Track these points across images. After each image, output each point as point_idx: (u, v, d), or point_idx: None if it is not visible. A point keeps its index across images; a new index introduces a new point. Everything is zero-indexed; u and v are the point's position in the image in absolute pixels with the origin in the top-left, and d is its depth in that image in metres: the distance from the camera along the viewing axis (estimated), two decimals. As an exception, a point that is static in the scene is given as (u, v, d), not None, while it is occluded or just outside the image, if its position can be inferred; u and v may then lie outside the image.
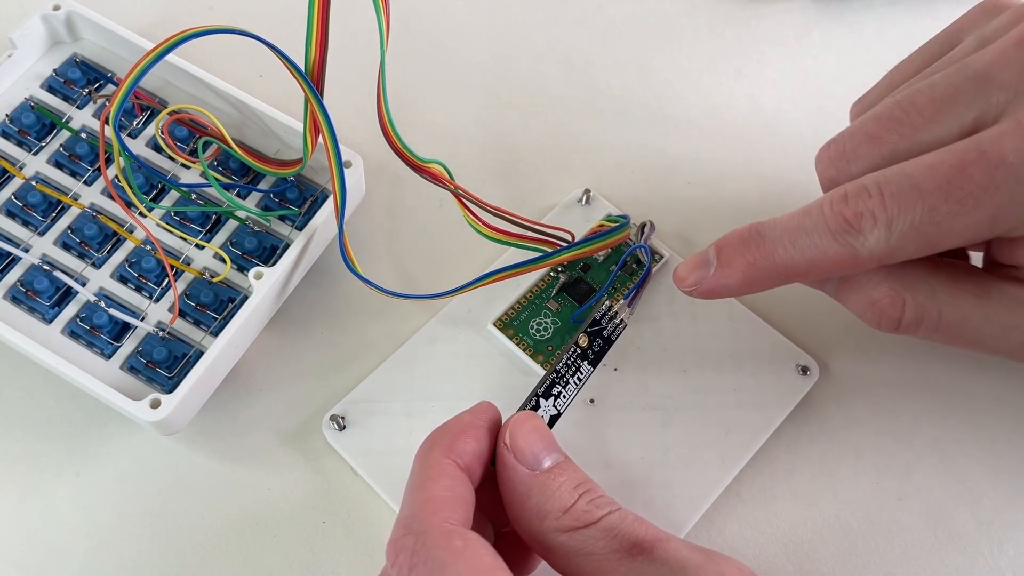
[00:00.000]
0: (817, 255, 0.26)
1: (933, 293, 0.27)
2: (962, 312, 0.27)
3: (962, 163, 0.24)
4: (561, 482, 0.24)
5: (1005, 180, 0.23)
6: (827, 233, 0.26)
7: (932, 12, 0.43)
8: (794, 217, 0.27)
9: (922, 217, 0.24)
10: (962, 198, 0.24)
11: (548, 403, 0.27)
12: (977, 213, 0.24)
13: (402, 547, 0.23)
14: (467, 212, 0.32)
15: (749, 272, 0.27)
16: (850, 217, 0.25)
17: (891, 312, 0.27)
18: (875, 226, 0.25)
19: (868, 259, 0.25)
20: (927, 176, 0.24)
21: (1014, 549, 0.31)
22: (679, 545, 0.23)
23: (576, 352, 0.28)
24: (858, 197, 0.25)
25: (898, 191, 0.24)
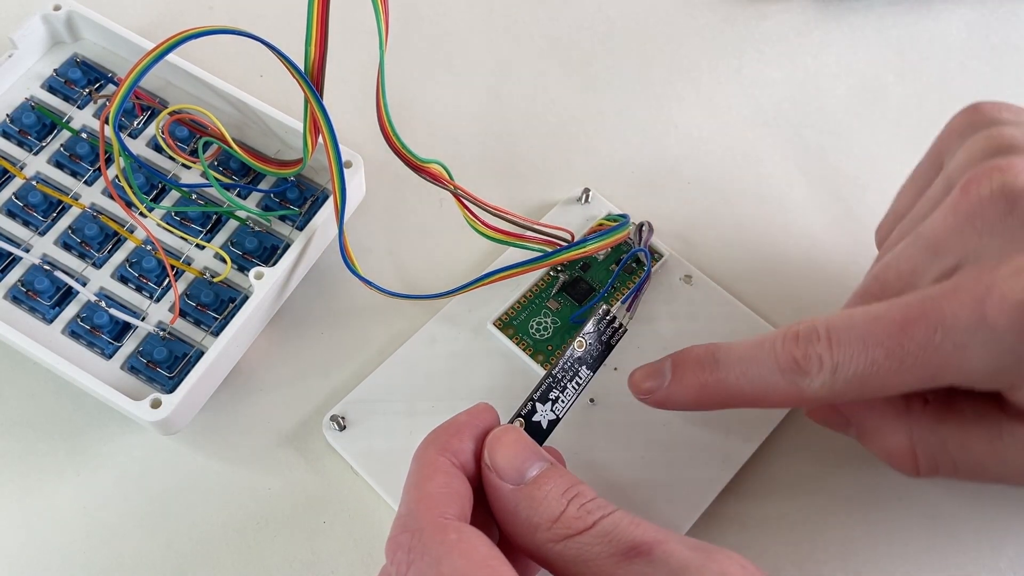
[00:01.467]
0: (766, 388, 0.27)
1: (943, 444, 0.27)
2: (976, 458, 0.27)
3: (904, 321, 0.25)
4: (547, 491, 0.24)
5: (942, 343, 0.24)
6: (776, 370, 0.27)
7: (932, 12, 0.43)
8: (748, 348, 0.28)
9: (865, 369, 0.25)
10: (902, 356, 0.25)
11: (545, 408, 0.27)
12: (916, 371, 0.25)
13: (399, 544, 0.23)
14: (466, 212, 0.32)
15: (700, 393, 0.29)
16: (799, 358, 0.26)
17: (905, 465, 0.28)
18: (821, 370, 0.26)
19: (812, 398, 0.27)
20: (871, 329, 0.25)
21: (1014, 549, 0.31)
22: (678, 545, 0.23)
23: (573, 356, 0.28)
24: (807, 339, 0.26)
25: (844, 340, 0.26)
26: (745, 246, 0.36)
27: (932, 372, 0.25)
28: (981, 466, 0.27)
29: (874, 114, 0.40)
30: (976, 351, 0.24)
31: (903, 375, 0.25)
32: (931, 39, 0.42)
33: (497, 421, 0.26)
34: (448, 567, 0.22)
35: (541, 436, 0.27)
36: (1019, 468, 0.27)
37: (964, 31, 0.42)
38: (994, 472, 0.27)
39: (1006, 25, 0.42)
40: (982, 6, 0.43)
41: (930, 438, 0.28)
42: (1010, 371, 0.25)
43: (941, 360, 0.25)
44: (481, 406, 0.26)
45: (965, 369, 0.25)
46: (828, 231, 0.37)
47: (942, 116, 0.39)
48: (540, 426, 0.27)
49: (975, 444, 0.27)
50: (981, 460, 0.27)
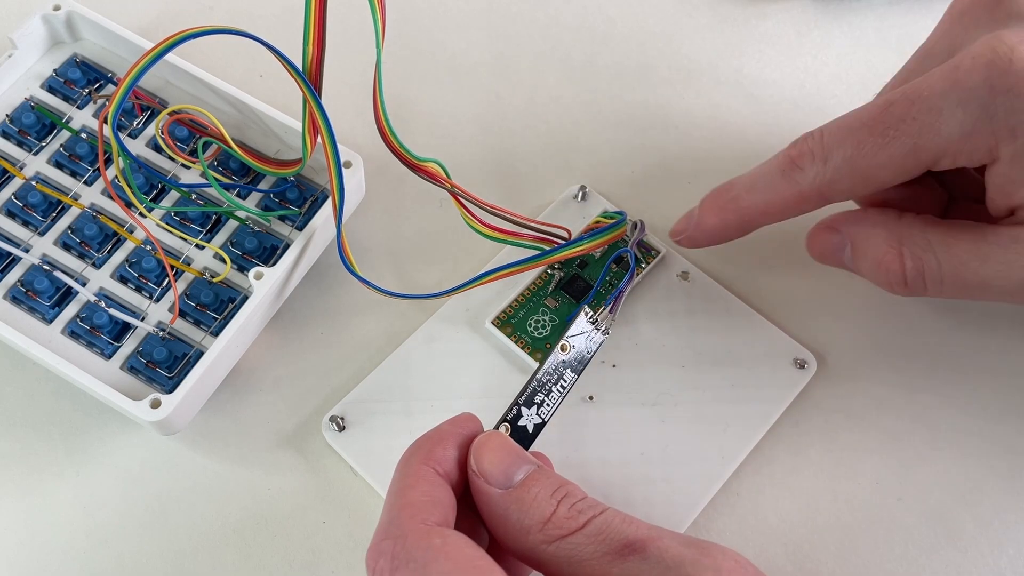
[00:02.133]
0: (770, 195, 0.30)
1: (929, 244, 0.29)
2: (960, 258, 0.28)
3: (887, 101, 0.27)
4: (536, 493, 0.24)
5: (919, 112, 0.26)
6: (778, 173, 0.30)
7: (932, 12, 0.42)
8: (757, 167, 0.31)
9: (852, 151, 0.28)
10: (883, 130, 0.27)
11: (531, 411, 0.27)
12: (898, 143, 0.27)
13: (381, 552, 0.23)
14: (464, 211, 0.32)
15: (721, 216, 0.32)
16: (794, 155, 0.29)
17: (894, 267, 0.29)
18: (813, 161, 0.28)
19: (810, 192, 0.29)
20: (857, 116, 0.28)
21: (1014, 549, 0.31)
22: (672, 541, 0.23)
23: (557, 360, 0.28)
24: (804, 139, 0.29)
25: (834, 130, 0.28)
26: (744, 245, 0.36)
27: (911, 143, 0.27)
28: (964, 265, 0.28)
29: (874, 114, 0.40)
30: (949, 112, 0.26)
31: (886, 151, 0.27)
32: (931, 39, 0.42)
33: (481, 429, 0.26)
34: (435, 570, 0.22)
35: (528, 440, 0.27)
36: (1000, 265, 0.28)
37: (964, 31, 0.42)
38: (975, 272, 0.28)
39: (1006, 25, 0.42)
40: (982, 6, 0.43)
41: (918, 240, 0.29)
42: (984, 133, 0.26)
43: (918, 128, 0.27)
44: (464, 415, 0.27)
45: (941, 134, 0.26)
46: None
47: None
48: (526, 430, 0.27)
49: (960, 244, 0.28)
50: (964, 259, 0.28)
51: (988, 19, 0.27)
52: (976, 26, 0.28)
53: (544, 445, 0.29)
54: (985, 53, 0.26)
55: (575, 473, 0.30)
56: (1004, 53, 0.25)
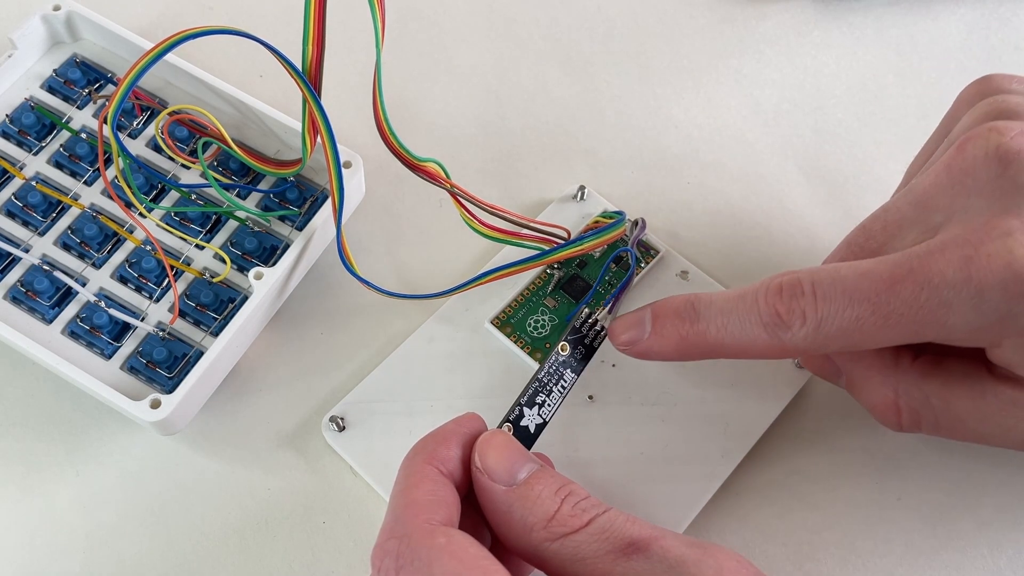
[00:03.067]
0: (746, 341, 0.27)
1: (926, 399, 0.28)
2: (958, 415, 0.28)
3: (892, 278, 0.25)
4: (539, 490, 0.24)
5: (928, 301, 0.25)
6: (758, 323, 0.27)
7: (932, 12, 0.43)
8: (729, 300, 0.28)
9: (849, 324, 0.25)
10: (887, 313, 0.25)
11: (532, 412, 0.27)
12: (900, 327, 0.25)
13: (386, 551, 0.23)
14: (463, 210, 0.32)
15: (680, 345, 0.28)
16: (782, 312, 0.26)
17: (890, 414, 0.29)
18: (804, 325, 0.26)
19: (794, 351, 0.27)
20: (858, 284, 0.25)
21: (1013, 549, 0.31)
22: (674, 541, 0.23)
23: (558, 360, 0.28)
24: (792, 293, 0.26)
25: (830, 294, 0.26)
26: (744, 245, 0.36)
27: (916, 328, 0.25)
28: (962, 422, 0.28)
29: (874, 114, 0.40)
30: (960, 308, 0.24)
31: (887, 331, 0.25)
32: (931, 39, 0.42)
33: (484, 428, 0.26)
34: (439, 569, 0.22)
35: (530, 440, 0.27)
36: (998, 427, 0.27)
37: (964, 31, 0.42)
38: (973, 429, 0.28)
39: (1006, 25, 0.42)
40: (982, 6, 0.43)
41: (914, 392, 0.28)
42: (991, 329, 0.25)
43: (926, 317, 0.25)
44: (468, 415, 0.27)
45: (948, 326, 0.25)
46: (827, 230, 0.37)
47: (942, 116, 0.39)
48: (528, 430, 0.27)
49: (958, 401, 0.28)
50: (962, 417, 0.28)
51: (993, 187, 0.25)
52: (978, 192, 0.26)
53: (544, 445, 0.29)
54: (1002, 254, 0.24)
55: (576, 472, 0.30)
56: (1022, 256, 0.24)
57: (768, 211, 0.37)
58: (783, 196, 0.38)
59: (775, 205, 0.37)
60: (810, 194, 0.38)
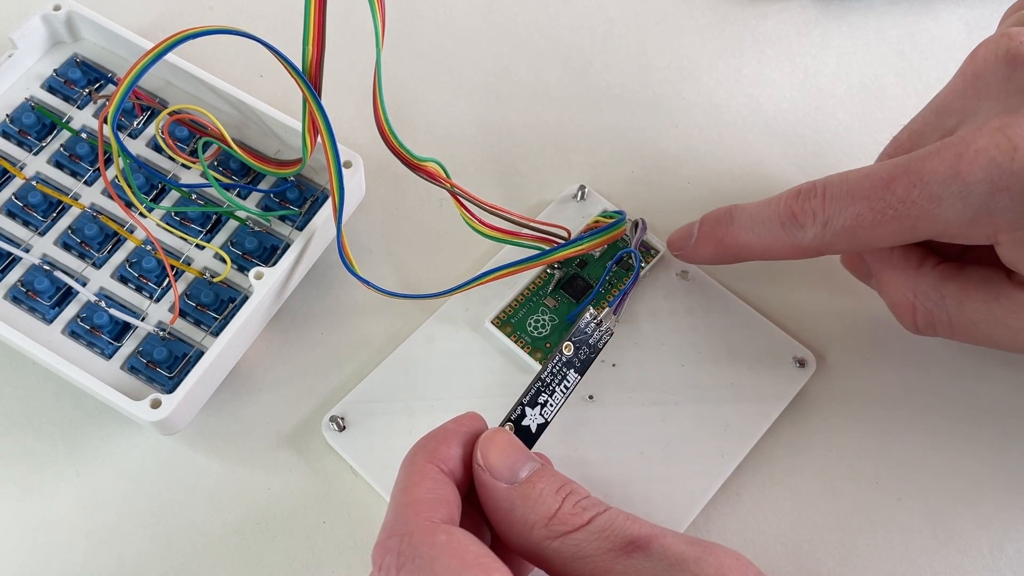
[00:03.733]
0: (769, 241, 0.30)
1: (942, 299, 0.29)
2: (970, 317, 0.28)
3: (890, 176, 0.27)
4: (541, 489, 0.24)
5: (920, 196, 0.26)
6: (778, 223, 0.29)
7: (932, 12, 0.43)
8: (759, 205, 0.31)
9: (852, 221, 0.28)
10: (883, 208, 0.27)
11: (534, 412, 0.27)
12: (896, 222, 0.27)
13: (387, 549, 0.23)
14: (463, 210, 0.32)
15: (718, 248, 0.32)
16: (796, 212, 0.29)
17: (907, 313, 0.30)
18: (814, 223, 0.28)
19: (808, 248, 0.29)
20: (860, 184, 0.28)
21: (1013, 549, 0.31)
22: (675, 539, 0.23)
23: (561, 360, 0.28)
24: (806, 195, 0.29)
25: (836, 195, 0.28)
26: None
27: (910, 223, 0.27)
28: (974, 324, 0.29)
29: (874, 114, 0.40)
30: (949, 202, 0.26)
31: (884, 226, 0.27)
32: (931, 39, 0.42)
33: (485, 427, 0.27)
34: (441, 567, 0.22)
35: (531, 440, 0.27)
36: (1008, 329, 0.28)
37: (964, 31, 0.42)
38: (985, 332, 0.29)
39: (1006, 25, 0.42)
40: (982, 6, 0.43)
41: (932, 294, 0.29)
42: (981, 222, 0.26)
43: (918, 212, 0.26)
44: (468, 414, 0.27)
45: (940, 220, 0.26)
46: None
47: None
48: (529, 430, 0.27)
49: (972, 303, 0.28)
50: (975, 319, 0.28)
51: (1001, 89, 0.26)
52: (988, 94, 0.27)
53: (544, 444, 0.29)
54: (988, 148, 0.25)
55: (576, 472, 0.30)
56: (1007, 150, 0.25)
57: (768, 211, 0.37)
58: (783, 196, 0.38)
59: (775, 205, 0.37)
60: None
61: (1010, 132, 0.25)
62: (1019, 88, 0.26)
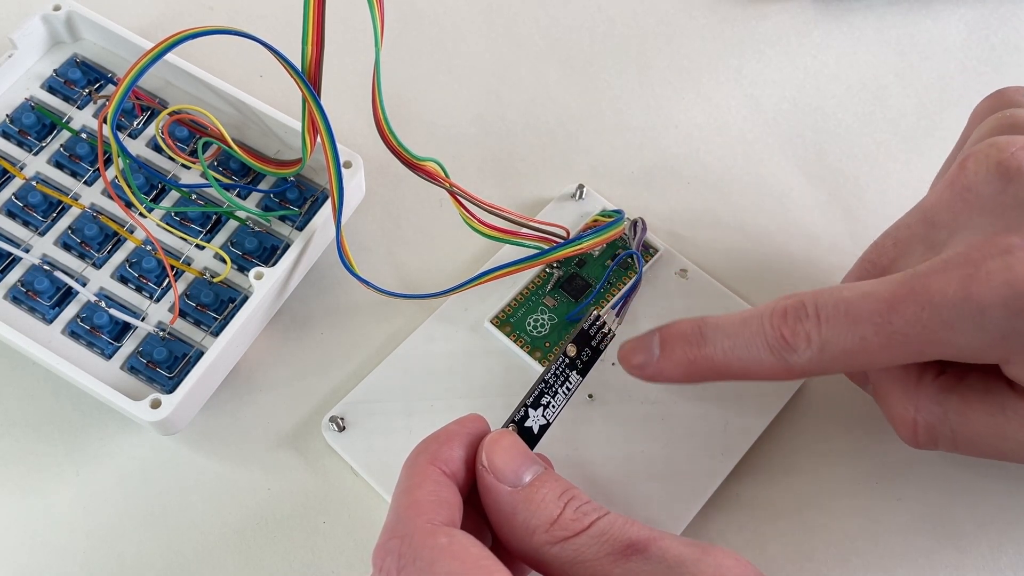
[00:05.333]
0: (753, 364, 0.27)
1: (945, 415, 0.28)
2: (975, 430, 0.27)
3: (894, 298, 0.25)
4: (544, 493, 0.24)
5: (930, 321, 0.25)
6: (764, 346, 0.27)
7: (932, 12, 0.43)
8: (735, 324, 0.28)
9: (853, 345, 0.26)
10: (890, 333, 0.25)
11: (537, 413, 0.27)
12: (903, 347, 0.25)
13: (388, 551, 0.23)
14: (462, 210, 0.32)
15: (689, 369, 0.29)
16: (787, 335, 0.26)
17: (907, 429, 0.28)
18: (808, 347, 0.26)
19: (799, 372, 0.27)
20: (860, 305, 0.26)
21: (1014, 549, 0.31)
22: (673, 542, 0.23)
23: (564, 362, 0.28)
24: (796, 315, 0.26)
25: (833, 316, 0.26)
26: (744, 245, 0.36)
27: (919, 348, 0.25)
28: (980, 438, 0.27)
29: (874, 114, 0.40)
30: (962, 328, 0.24)
31: (892, 351, 0.25)
32: (931, 39, 0.42)
33: (487, 429, 0.27)
34: (441, 569, 0.22)
35: (533, 441, 0.27)
36: (1016, 443, 0.27)
37: (964, 31, 0.42)
38: (992, 445, 0.27)
39: (1006, 25, 0.42)
40: (982, 6, 0.43)
41: (934, 409, 0.28)
42: (996, 346, 0.25)
43: (928, 336, 0.25)
44: (471, 416, 0.27)
45: (952, 345, 0.25)
46: (827, 230, 0.37)
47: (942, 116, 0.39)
48: (532, 431, 0.27)
49: (976, 416, 0.27)
50: (981, 432, 0.27)
51: (996, 203, 0.26)
52: (981, 208, 0.26)
53: (544, 443, 0.29)
54: (1001, 271, 0.24)
55: (576, 471, 0.30)
56: (1021, 273, 0.24)
57: (768, 211, 0.37)
58: (783, 196, 0.38)
59: (775, 205, 0.37)
60: (810, 194, 0.38)
61: (1017, 253, 0.24)
62: (1016, 202, 0.25)
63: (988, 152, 0.26)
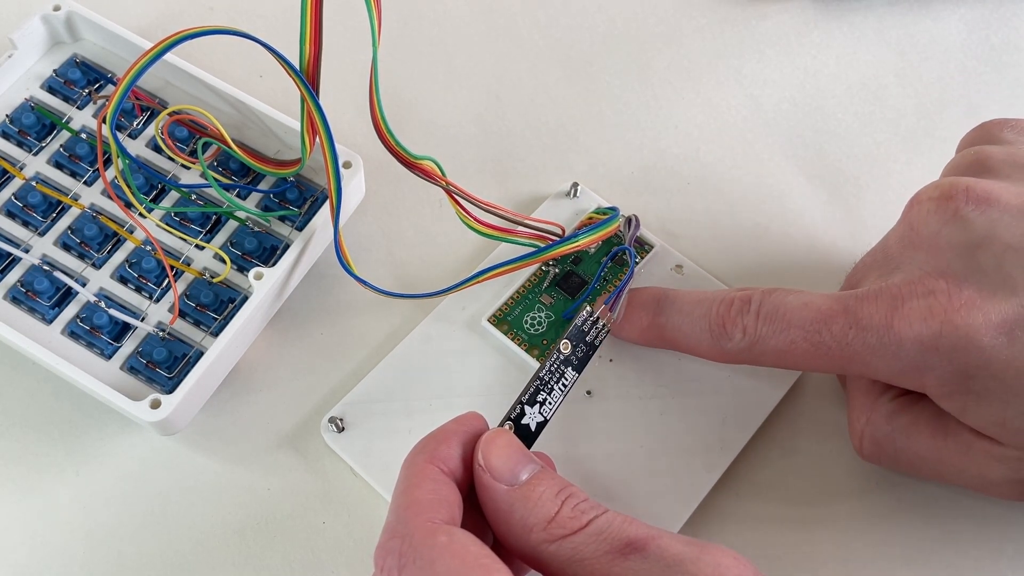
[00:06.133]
0: (694, 342, 0.30)
1: (892, 434, 0.29)
2: (917, 452, 0.29)
3: (828, 312, 0.27)
4: (541, 492, 0.24)
5: (854, 340, 0.27)
6: (706, 328, 0.29)
7: (932, 12, 0.43)
8: (690, 302, 0.30)
9: (783, 346, 0.28)
10: (817, 343, 0.27)
11: (533, 410, 0.27)
12: (827, 359, 0.27)
13: (389, 550, 0.23)
14: (459, 208, 0.32)
15: (642, 334, 0.31)
16: (727, 324, 0.29)
17: (854, 440, 0.30)
18: (743, 338, 0.28)
19: (732, 358, 0.29)
20: (797, 312, 0.28)
21: (1013, 549, 0.31)
22: (672, 540, 0.23)
23: (559, 358, 0.28)
24: (739, 309, 0.29)
25: (771, 316, 0.28)
26: (744, 245, 0.36)
27: (842, 362, 0.27)
28: (920, 459, 0.29)
29: (874, 114, 0.40)
30: (882, 354, 0.26)
31: (817, 359, 0.28)
32: (931, 39, 0.42)
33: (486, 427, 0.27)
34: (441, 568, 0.22)
35: (530, 438, 0.27)
36: (953, 468, 0.28)
37: (964, 31, 0.42)
38: (930, 468, 0.29)
39: (1006, 25, 0.42)
40: (982, 6, 0.43)
41: (883, 426, 0.29)
42: (910, 374, 0.27)
43: (850, 354, 0.27)
44: (469, 414, 0.27)
45: (871, 366, 0.27)
46: (827, 230, 0.37)
47: (942, 116, 0.39)
48: (529, 428, 0.27)
49: (920, 440, 0.29)
50: (921, 455, 0.29)
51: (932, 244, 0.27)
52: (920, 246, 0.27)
53: (543, 441, 0.29)
54: (920, 309, 0.26)
55: (576, 468, 0.30)
56: (937, 316, 0.25)
57: (768, 211, 0.37)
58: (783, 196, 0.38)
59: (775, 205, 0.37)
60: (810, 194, 0.38)
61: (938, 297, 0.26)
62: (949, 245, 0.27)
63: (932, 194, 0.28)
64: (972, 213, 0.27)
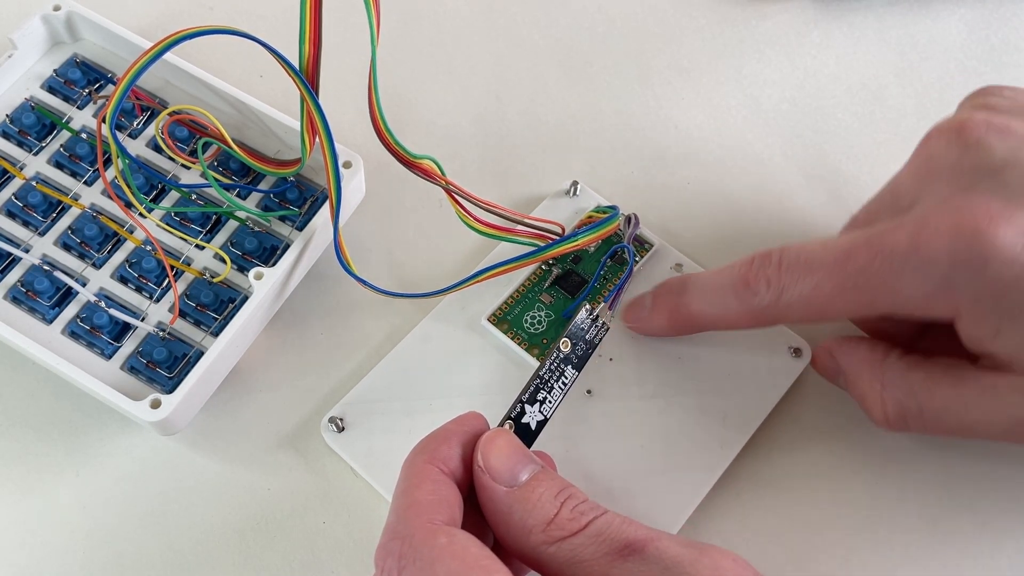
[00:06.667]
0: (721, 310, 0.30)
1: (910, 390, 0.29)
2: (941, 403, 0.28)
3: (850, 248, 0.27)
4: (540, 493, 0.24)
5: (880, 268, 0.26)
6: (731, 290, 0.29)
7: (931, 12, 0.43)
8: (712, 273, 0.31)
9: (809, 291, 0.28)
10: (843, 279, 0.27)
11: (533, 409, 0.27)
12: (854, 294, 0.27)
13: (389, 551, 0.23)
14: (459, 207, 0.32)
15: (671, 318, 0.32)
16: (750, 279, 0.29)
17: (876, 408, 0.30)
18: (768, 289, 0.28)
19: (762, 315, 0.29)
20: (819, 255, 0.28)
21: (1013, 548, 0.31)
22: (671, 542, 0.23)
23: (558, 357, 0.28)
24: (761, 263, 0.29)
25: (793, 264, 0.28)
26: (744, 245, 0.36)
27: (870, 296, 0.27)
28: (946, 411, 0.28)
29: (874, 114, 0.40)
30: (910, 276, 0.26)
31: (843, 297, 0.27)
32: (931, 39, 0.42)
33: (486, 427, 0.27)
34: (441, 569, 0.22)
35: (530, 437, 0.27)
36: (981, 414, 0.28)
37: (964, 31, 0.42)
38: (958, 418, 0.28)
39: (1006, 25, 0.42)
40: (982, 6, 0.43)
41: (900, 383, 0.29)
42: (941, 297, 0.26)
43: (878, 284, 0.27)
44: (469, 414, 0.27)
45: (901, 294, 0.27)
46: (827, 231, 0.37)
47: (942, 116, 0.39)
48: (529, 427, 0.27)
49: (940, 389, 0.28)
50: (946, 405, 0.28)
51: (953, 170, 0.27)
52: (940, 175, 0.27)
53: (543, 440, 0.29)
54: (948, 225, 0.25)
55: (575, 467, 0.30)
56: (968, 228, 0.25)
57: (768, 211, 0.37)
58: (783, 196, 0.38)
59: (775, 205, 0.37)
60: (810, 194, 0.38)
61: (967, 211, 0.26)
62: (972, 167, 0.27)
63: (951, 124, 0.28)
64: (994, 140, 0.27)
